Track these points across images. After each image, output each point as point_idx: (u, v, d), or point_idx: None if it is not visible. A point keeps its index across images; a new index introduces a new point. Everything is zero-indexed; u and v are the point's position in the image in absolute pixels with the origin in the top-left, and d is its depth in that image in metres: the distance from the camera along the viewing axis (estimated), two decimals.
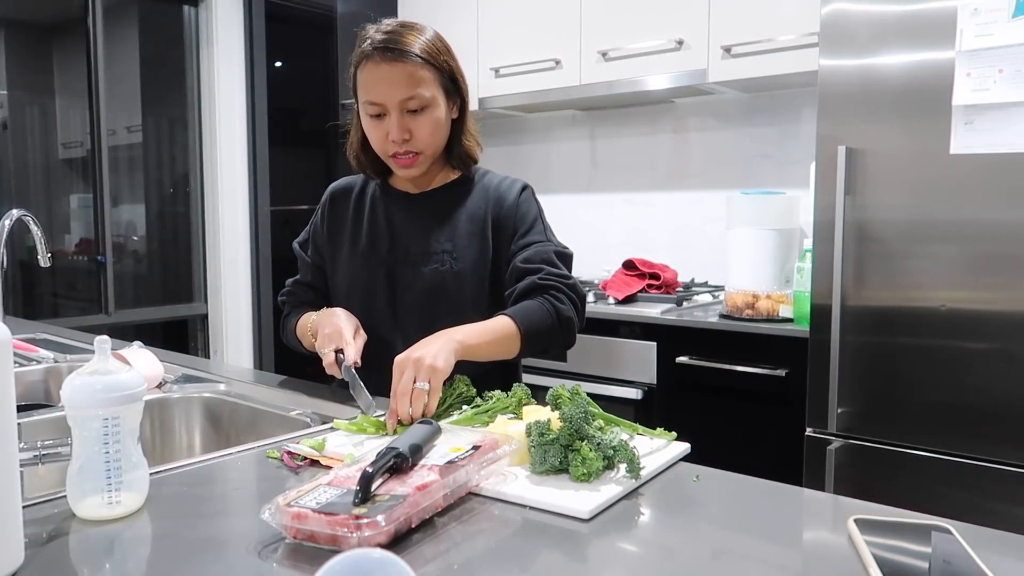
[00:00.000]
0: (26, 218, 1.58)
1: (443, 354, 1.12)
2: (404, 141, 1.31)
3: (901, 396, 1.77)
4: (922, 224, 1.73)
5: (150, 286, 3.72)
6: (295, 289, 1.52)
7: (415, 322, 1.35)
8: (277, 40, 3.80)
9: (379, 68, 1.29)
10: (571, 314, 1.32)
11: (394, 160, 1.35)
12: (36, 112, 3.38)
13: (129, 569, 0.72)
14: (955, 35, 1.65)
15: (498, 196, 1.40)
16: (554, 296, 1.31)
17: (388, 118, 1.31)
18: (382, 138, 1.33)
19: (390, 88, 1.29)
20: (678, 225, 2.99)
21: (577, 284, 1.36)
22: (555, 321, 1.29)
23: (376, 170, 1.44)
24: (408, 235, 1.41)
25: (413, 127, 1.31)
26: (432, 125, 1.32)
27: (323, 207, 1.51)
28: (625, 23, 2.65)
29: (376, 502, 0.74)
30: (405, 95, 1.29)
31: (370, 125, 1.34)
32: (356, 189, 1.49)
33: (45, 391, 1.62)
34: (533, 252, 1.35)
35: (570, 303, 1.32)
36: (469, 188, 1.43)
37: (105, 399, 0.78)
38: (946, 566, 0.66)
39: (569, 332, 1.33)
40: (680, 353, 2.28)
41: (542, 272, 1.32)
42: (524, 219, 1.39)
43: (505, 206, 1.39)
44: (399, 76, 1.28)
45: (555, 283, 1.31)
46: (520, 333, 1.25)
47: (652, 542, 0.78)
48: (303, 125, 4.28)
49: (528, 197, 1.42)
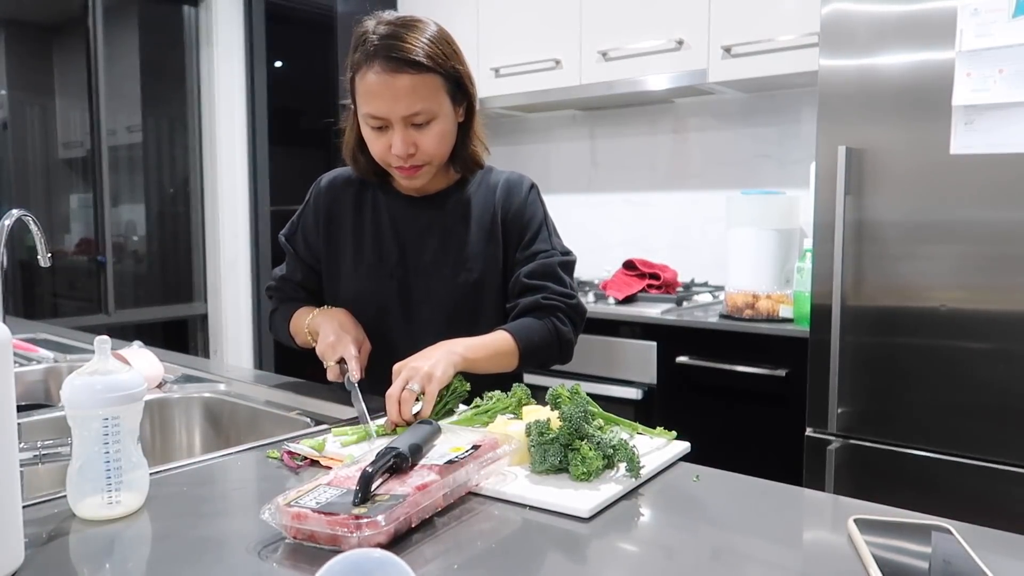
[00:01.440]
0: (26, 218, 1.58)
1: (442, 364, 1.11)
2: (409, 156, 1.24)
3: (901, 396, 1.77)
4: (922, 224, 1.73)
5: (150, 286, 3.72)
6: (283, 285, 1.45)
7: (432, 336, 1.28)
8: (277, 40, 3.80)
9: (381, 80, 1.19)
10: (571, 336, 1.34)
11: (398, 171, 1.28)
12: (36, 112, 3.38)
13: (129, 569, 0.72)
14: (955, 35, 1.65)
15: (505, 196, 1.37)
16: (557, 318, 1.31)
17: (391, 131, 1.23)
18: (384, 150, 1.25)
19: (393, 103, 1.19)
20: (678, 225, 2.99)
21: (580, 303, 1.36)
22: (555, 341, 1.31)
23: (375, 172, 1.36)
24: (418, 244, 1.35)
25: (418, 140, 1.23)
26: (438, 137, 1.25)
27: (315, 199, 1.42)
28: (625, 23, 2.65)
29: (376, 502, 0.74)
30: (408, 110, 1.20)
31: (371, 136, 1.26)
32: (354, 188, 1.41)
33: (45, 391, 1.62)
34: (538, 266, 1.34)
35: (571, 324, 1.34)
36: (475, 188, 1.39)
37: (105, 399, 0.78)
38: (946, 566, 0.66)
39: (567, 352, 1.35)
40: (680, 353, 2.28)
41: (546, 291, 1.32)
42: (531, 224, 1.37)
43: (513, 209, 1.36)
44: (403, 89, 1.18)
45: (558, 303, 1.32)
46: (519, 351, 1.26)
47: (652, 542, 0.78)
48: (303, 125, 4.28)
49: (535, 198, 1.39)
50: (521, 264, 1.35)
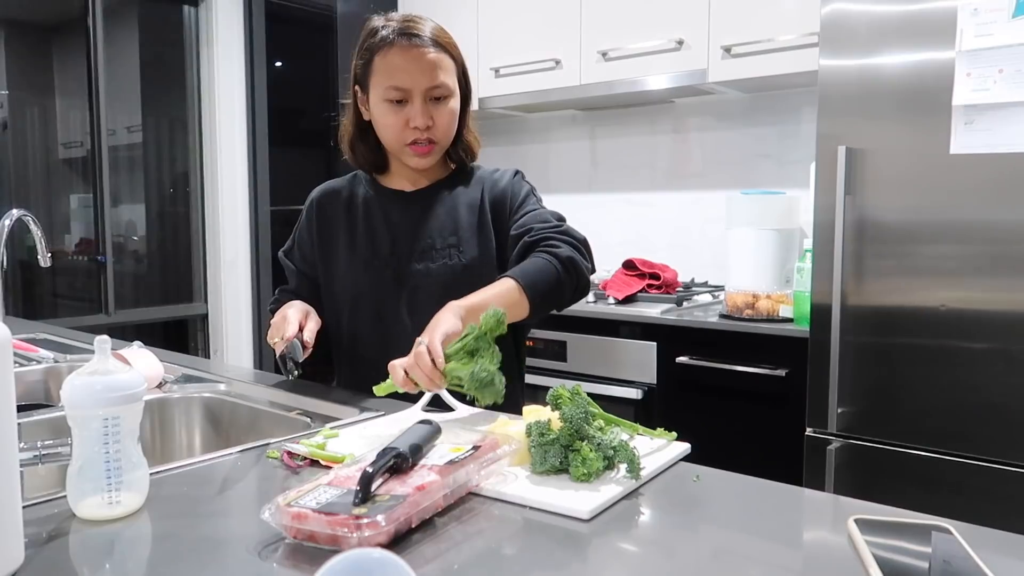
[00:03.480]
0: (26, 218, 1.58)
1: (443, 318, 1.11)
2: (426, 128, 1.31)
3: (901, 396, 1.77)
4: (922, 224, 1.73)
5: (150, 286, 3.72)
6: (281, 297, 1.49)
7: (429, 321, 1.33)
8: (277, 40, 3.80)
9: (407, 53, 1.28)
10: (571, 254, 1.25)
11: (412, 148, 1.33)
12: (36, 112, 3.38)
13: (129, 569, 0.72)
14: (955, 35, 1.65)
15: (492, 182, 1.41)
16: (549, 245, 1.26)
17: (410, 105, 1.30)
18: (401, 125, 1.31)
19: (419, 74, 1.28)
20: (678, 225, 2.99)
21: (571, 228, 1.32)
22: (556, 266, 1.23)
23: (372, 162, 1.42)
24: (409, 233, 1.38)
25: (435, 114, 1.31)
26: (451, 115, 1.34)
27: (309, 213, 1.47)
28: (625, 23, 2.65)
29: (376, 502, 0.74)
30: (431, 82, 1.29)
31: (388, 112, 1.31)
32: (344, 193, 1.45)
33: (45, 391, 1.62)
34: (527, 218, 1.35)
35: (568, 245, 1.26)
36: (465, 182, 1.42)
37: (105, 399, 0.78)
38: (946, 566, 0.66)
39: (577, 274, 1.26)
40: (680, 353, 2.28)
41: (531, 231, 1.30)
42: (516, 196, 1.39)
43: (498, 189, 1.40)
44: (427, 63, 1.28)
45: (546, 234, 1.28)
46: (521, 287, 1.19)
47: (652, 542, 0.78)
48: (303, 125, 4.28)
49: (519, 179, 1.43)
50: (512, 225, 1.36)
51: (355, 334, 1.40)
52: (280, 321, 1.29)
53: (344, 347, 1.43)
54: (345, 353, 1.43)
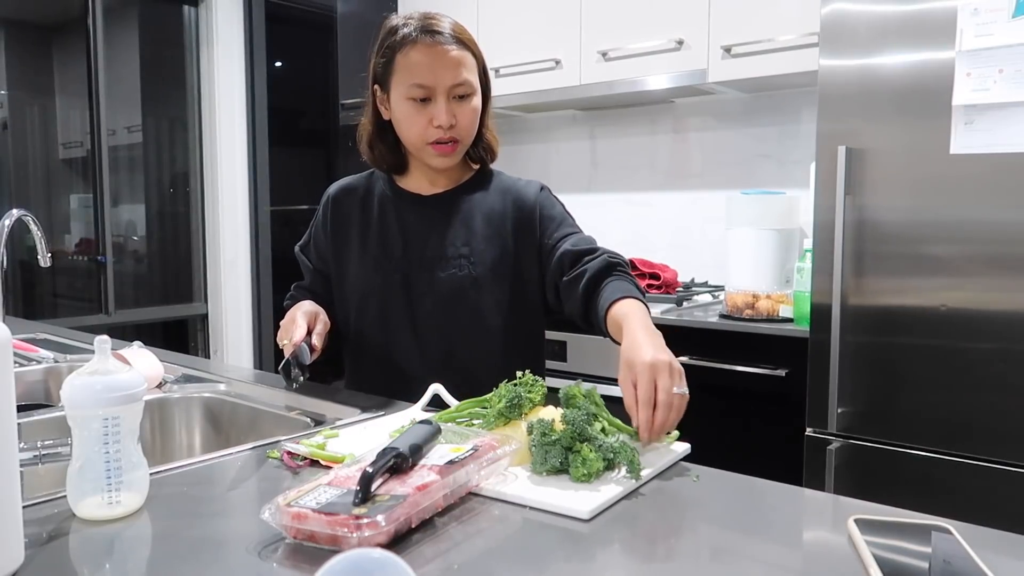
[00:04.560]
0: (26, 218, 1.58)
1: (668, 355, 1.04)
2: (450, 127, 1.29)
3: (901, 396, 1.77)
4: (922, 224, 1.73)
5: (150, 286, 3.72)
6: (296, 294, 1.48)
7: (434, 328, 1.33)
8: (277, 40, 3.80)
9: (431, 50, 1.27)
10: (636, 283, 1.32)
11: (434, 147, 1.31)
12: (36, 112, 3.38)
13: (129, 569, 0.72)
14: (955, 35, 1.65)
15: (516, 196, 1.39)
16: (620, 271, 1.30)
17: (433, 103, 1.28)
18: (425, 124, 1.29)
19: (442, 71, 1.27)
20: (678, 225, 2.99)
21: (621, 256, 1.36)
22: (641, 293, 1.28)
23: (390, 162, 1.40)
24: (422, 238, 1.36)
25: (458, 113, 1.29)
26: (474, 114, 1.32)
27: (325, 209, 1.45)
28: (625, 23, 2.65)
29: (376, 502, 0.74)
30: (455, 80, 1.28)
31: (411, 110, 1.29)
32: (361, 190, 1.44)
33: (45, 391, 1.62)
34: (579, 238, 1.35)
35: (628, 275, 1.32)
36: (484, 188, 1.40)
37: (105, 399, 0.78)
38: (946, 566, 0.66)
39: None
40: (680, 353, 2.26)
41: (606, 252, 1.31)
42: (552, 217, 1.38)
43: (527, 206, 1.37)
44: (450, 60, 1.27)
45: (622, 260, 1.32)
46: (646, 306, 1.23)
47: (652, 542, 0.78)
48: (303, 125, 4.28)
49: (548, 195, 1.42)
50: (559, 243, 1.34)
51: (362, 332, 1.40)
52: (289, 323, 1.27)
53: (351, 344, 1.43)
54: (352, 350, 1.43)
